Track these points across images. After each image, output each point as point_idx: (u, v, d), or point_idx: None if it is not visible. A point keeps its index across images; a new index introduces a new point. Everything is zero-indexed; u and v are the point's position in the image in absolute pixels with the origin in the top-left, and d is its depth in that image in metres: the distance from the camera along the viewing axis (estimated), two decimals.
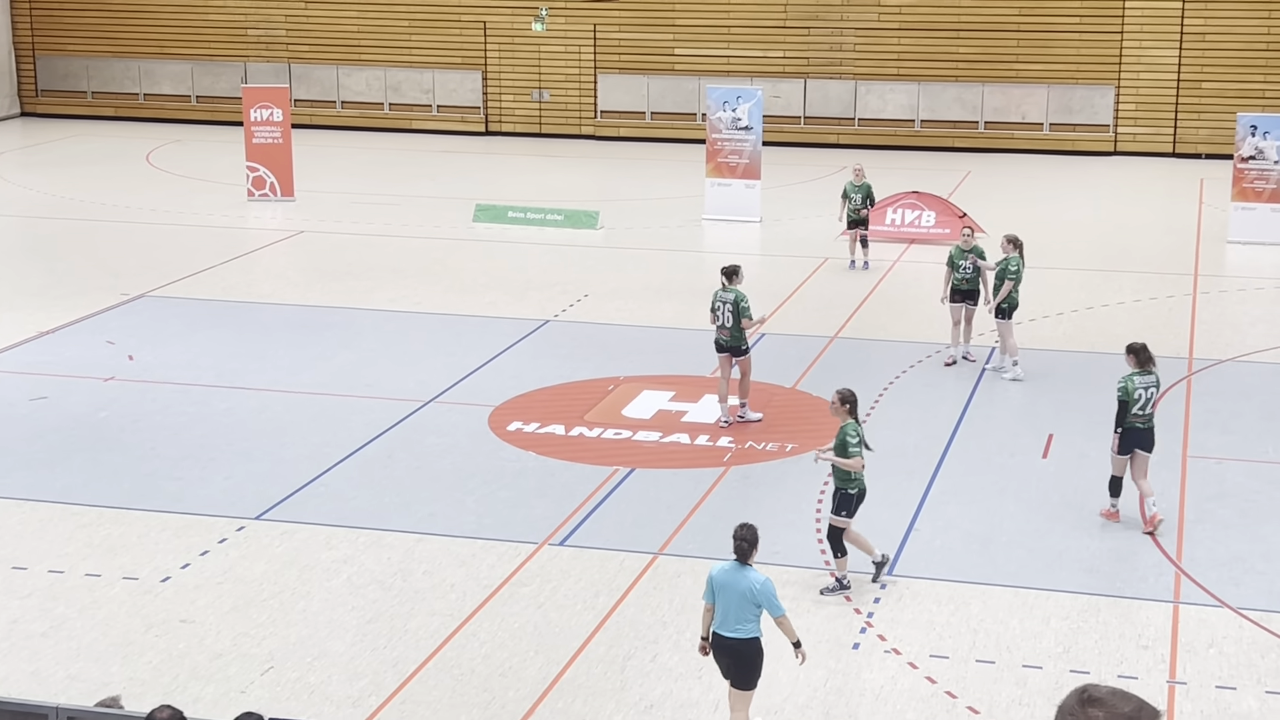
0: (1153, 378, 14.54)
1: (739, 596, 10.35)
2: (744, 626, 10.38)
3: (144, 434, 17.01)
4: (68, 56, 39.56)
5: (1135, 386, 14.42)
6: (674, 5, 36.28)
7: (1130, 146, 34.84)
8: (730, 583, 10.40)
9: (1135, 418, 14.45)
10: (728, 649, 10.46)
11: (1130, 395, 14.39)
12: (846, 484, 13.09)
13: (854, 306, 22.35)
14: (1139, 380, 14.45)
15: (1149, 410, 14.49)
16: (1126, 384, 14.42)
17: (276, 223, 27.86)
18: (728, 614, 10.40)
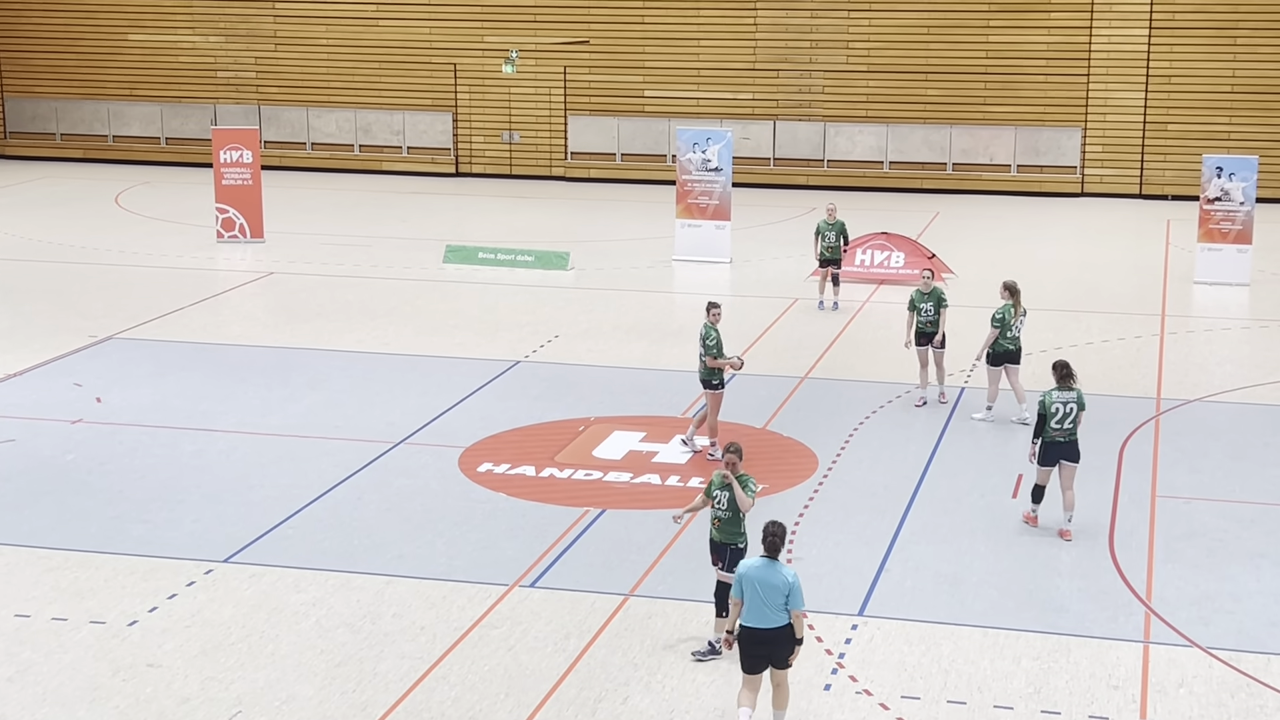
0: (1073, 394, 15.19)
1: (772, 590, 11.12)
2: (778, 616, 11.18)
3: (111, 477, 16.91)
4: (36, 98, 39.49)
5: (1053, 401, 15.13)
6: (644, 48, 36.44)
7: (1097, 188, 35.09)
8: (763, 577, 11.16)
9: (1055, 431, 15.16)
10: (766, 639, 11.21)
11: (1048, 409, 15.12)
12: (737, 538, 12.65)
13: (824, 347, 22.40)
14: (1057, 395, 15.15)
15: (1069, 425, 15.16)
16: (1044, 398, 15.18)
17: (246, 264, 27.80)
18: (761, 607, 11.16)
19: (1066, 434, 15.17)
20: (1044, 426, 15.13)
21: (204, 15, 38.24)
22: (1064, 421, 15.14)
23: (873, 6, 35.36)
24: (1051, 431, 15.14)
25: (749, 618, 11.21)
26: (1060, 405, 15.11)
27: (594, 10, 36.44)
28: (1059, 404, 15.12)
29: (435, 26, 37.25)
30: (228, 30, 38.20)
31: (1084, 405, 15.33)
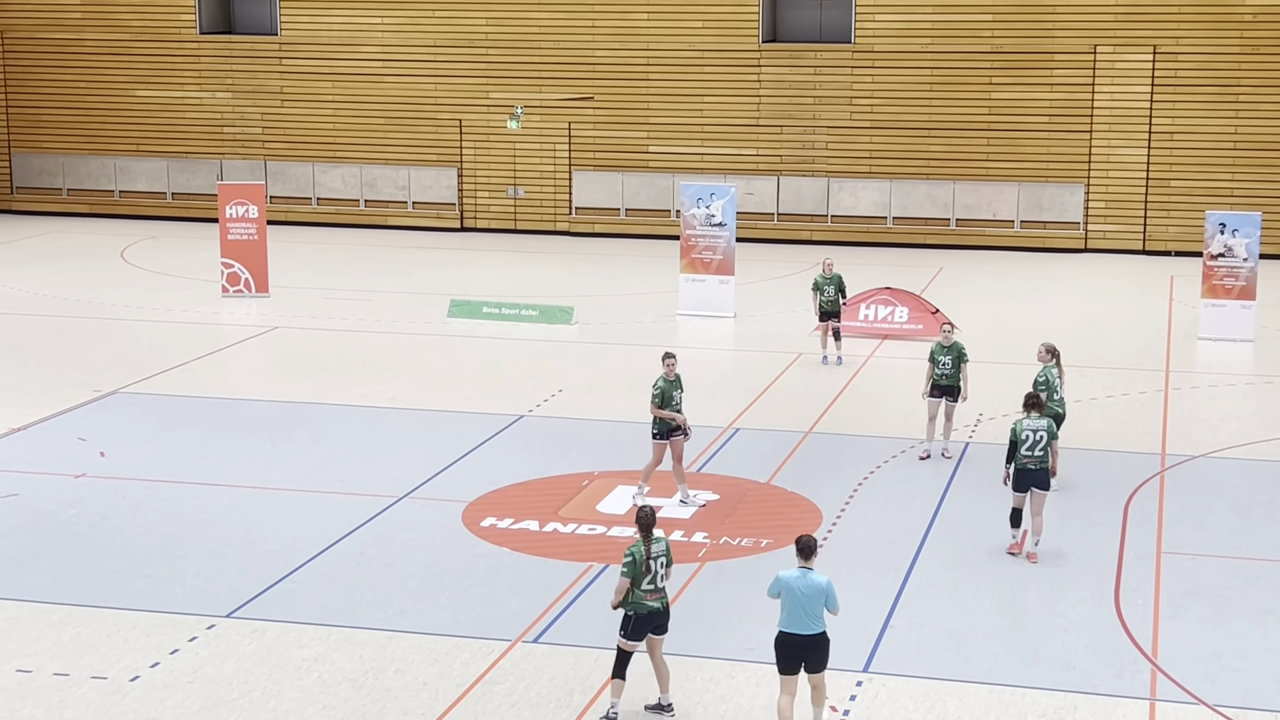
0: (1043, 423, 15.93)
1: (809, 597, 11.88)
2: (816, 623, 11.93)
3: (114, 531, 16.88)
4: (43, 154, 39.69)
5: (1023, 429, 15.92)
6: (648, 104, 36.62)
7: (1101, 243, 35.16)
8: (802, 585, 11.91)
9: (1026, 459, 15.92)
10: (806, 645, 11.93)
11: (1018, 436, 15.92)
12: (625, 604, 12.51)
13: (828, 402, 22.39)
14: (1027, 424, 15.94)
15: (1039, 453, 15.90)
16: (1015, 426, 16.00)
17: (251, 319, 27.86)
18: (800, 613, 11.90)
19: (1037, 461, 15.92)
20: (1014, 452, 15.92)
21: (211, 72, 38.48)
22: (1034, 449, 15.88)
23: (876, 63, 35.55)
24: (1023, 459, 15.91)
25: (788, 624, 11.94)
26: (1030, 433, 15.88)
27: (598, 67, 36.65)
28: (1029, 431, 15.88)
29: (440, 83, 37.46)
30: (234, 86, 38.42)
31: (1054, 435, 16.01)
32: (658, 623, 12.53)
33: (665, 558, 12.51)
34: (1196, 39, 34.15)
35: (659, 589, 12.49)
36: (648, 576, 12.42)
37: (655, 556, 12.44)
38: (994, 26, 34.94)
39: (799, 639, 11.93)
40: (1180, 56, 34.28)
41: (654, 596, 12.47)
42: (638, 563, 12.40)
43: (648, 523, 12.57)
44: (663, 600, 12.53)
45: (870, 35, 35.47)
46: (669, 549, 12.60)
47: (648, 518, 12.59)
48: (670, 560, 12.57)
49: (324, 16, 37.74)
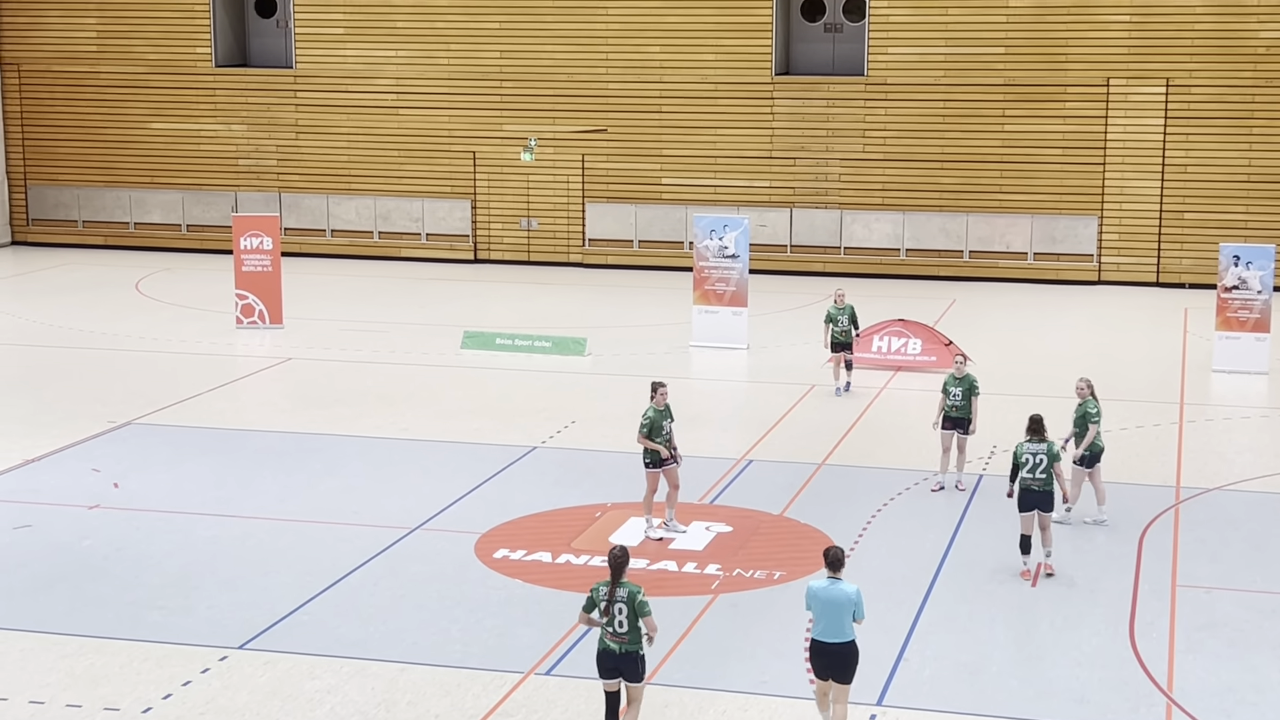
0: (1044, 446, 16.36)
1: (838, 606, 12.29)
2: (843, 632, 12.33)
3: (127, 562, 16.89)
4: (59, 186, 39.86)
5: (1024, 451, 16.40)
6: (661, 136, 36.70)
7: (1114, 276, 35.13)
8: (830, 595, 12.33)
9: (1029, 480, 16.35)
10: (833, 653, 12.36)
11: (1019, 458, 16.38)
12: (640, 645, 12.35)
13: (841, 433, 22.36)
14: (1028, 446, 16.40)
15: (1041, 475, 16.31)
16: (1018, 449, 16.47)
17: (265, 350, 27.91)
18: (830, 623, 12.33)
19: (1040, 483, 16.33)
20: (1016, 473, 16.40)
21: (226, 104, 38.64)
22: (1035, 471, 16.32)
23: (889, 95, 35.61)
24: (1025, 479, 16.35)
25: (816, 632, 12.43)
26: (1030, 456, 16.33)
27: (612, 99, 36.76)
28: (1029, 454, 16.35)
29: (455, 115, 37.59)
30: (250, 119, 38.58)
31: (1057, 457, 16.38)
32: (619, 665, 12.25)
33: (628, 607, 12.13)
34: (1210, 71, 34.17)
35: (619, 634, 12.19)
36: (606, 619, 12.24)
37: (615, 601, 12.15)
38: (1006, 59, 35.00)
39: (824, 646, 12.39)
40: (1193, 89, 34.30)
41: (615, 639, 12.21)
42: (593, 602, 12.29)
43: (615, 565, 12.31)
44: (625, 646, 12.19)
45: (883, 68, 35.55)
46: (635, 600, 12.16)
47: (615, 560, 12.35)
48: (637, 612, 12.14)
49: (339, 50, 37.91)
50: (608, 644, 12.28)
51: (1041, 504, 16.37)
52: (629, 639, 12.23)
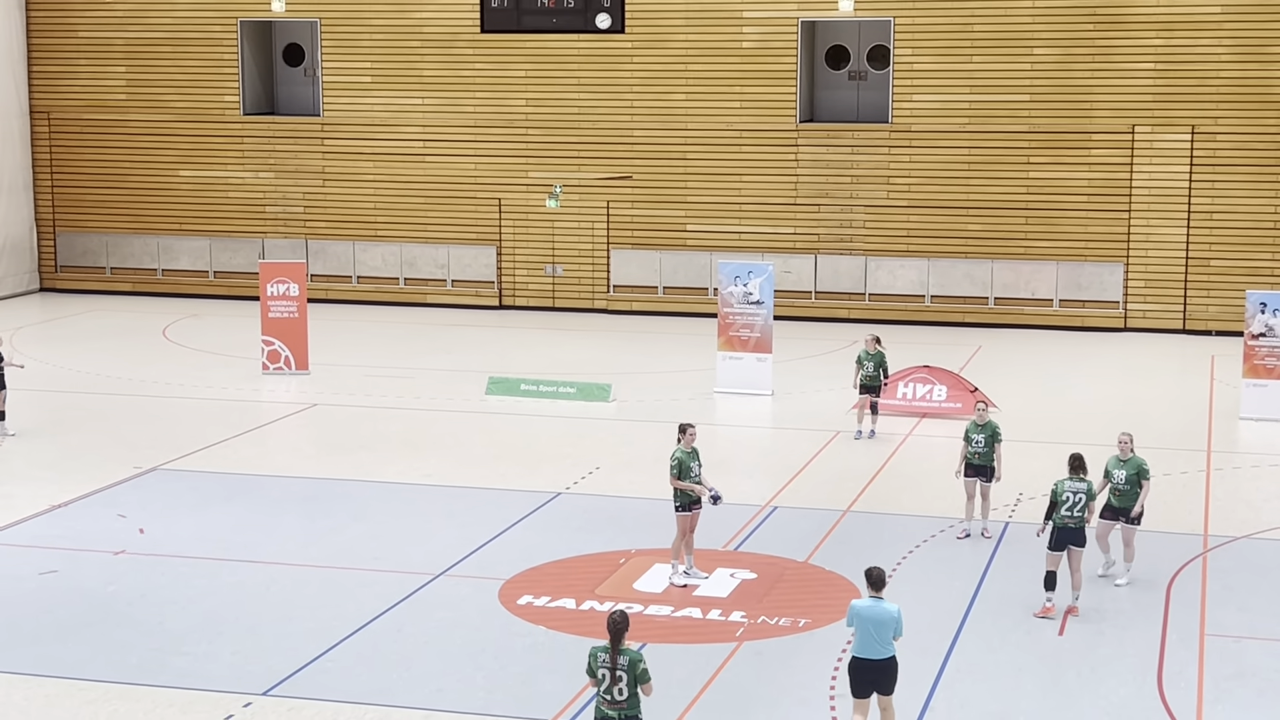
0: (1084, 485, 16.61)
1: (881, 624, 13.04)
2: (886, 648, 13.08)
3: (152, 608, 16.91)
4: (87, 233, 40.12)
5: (1064, 489, 16.62)
6: (685, 182, 36.81)
7: (1140, 323, 35.04)
8: (874, 615, 13.07)
9: (1066, 518, 16.56)
10: (876, 668, 13.09)
11: (1059, 496, 16.59)
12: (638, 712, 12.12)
13: (866, 480, 22.30)
14: (1068, 485, 16.63)
15: (1078, 513, 16.56)
16: (1057, 486, 16.69)
17: (290, 396, 27.99)
18: (871, 639, 13.04)
19: (1076, 520, 16.57)
20: (1053, 511, 16.58)
21: (254, 152, 38.90)
22: (1074, 509, 16.53)
23: (913, 142, 35.68)
24: (1063, 518, 16.53)
25: (859, 650, 13.10)
26: (1070, 494, 16.56)
27: (636, 146, 36.90)
28: (1069, 493, 16.57)
29: (480, 162, 37.77)
30: (277, 166, 38.83)
31: (1093, 495, 16.70)
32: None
33: (628, 675, 11.89)
34: (1235, 119, 34.16)
35: (616, 701, 11.93)
36: (602, 685, 12.00)
37: (616, 668, 11.89)
38: (1031, 106, 35.04)
39: (869, 663, 13.05)
40: (1219, 136, 34.28)
41: (613, 706, 11.95)
42: (591, 668, 12.11)
43: (616, 631, 12.01)
44: (622, 713, 11.92)
45: (907, 115, 35.63)
46: (637, 669, 11.92)
47: (616, 625, 12.04)
48: (638, 680, 11.92)
49: (365, 98, 38.16)
50: (605, 712, 12.01)
51: (1075, 540, 16.59)
52: (628, 705, 11.99)
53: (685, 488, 17.39)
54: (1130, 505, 17.56)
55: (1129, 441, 17.76)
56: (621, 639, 12.06)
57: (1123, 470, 17.60)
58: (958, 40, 35.26)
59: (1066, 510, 16.52)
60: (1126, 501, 17.56)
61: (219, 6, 38.57)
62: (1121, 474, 17.58)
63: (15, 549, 18.99)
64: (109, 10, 39.23)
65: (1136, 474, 17.58)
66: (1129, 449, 17.71)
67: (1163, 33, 34.27)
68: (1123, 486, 17.55)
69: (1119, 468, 17.65)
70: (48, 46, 39.75)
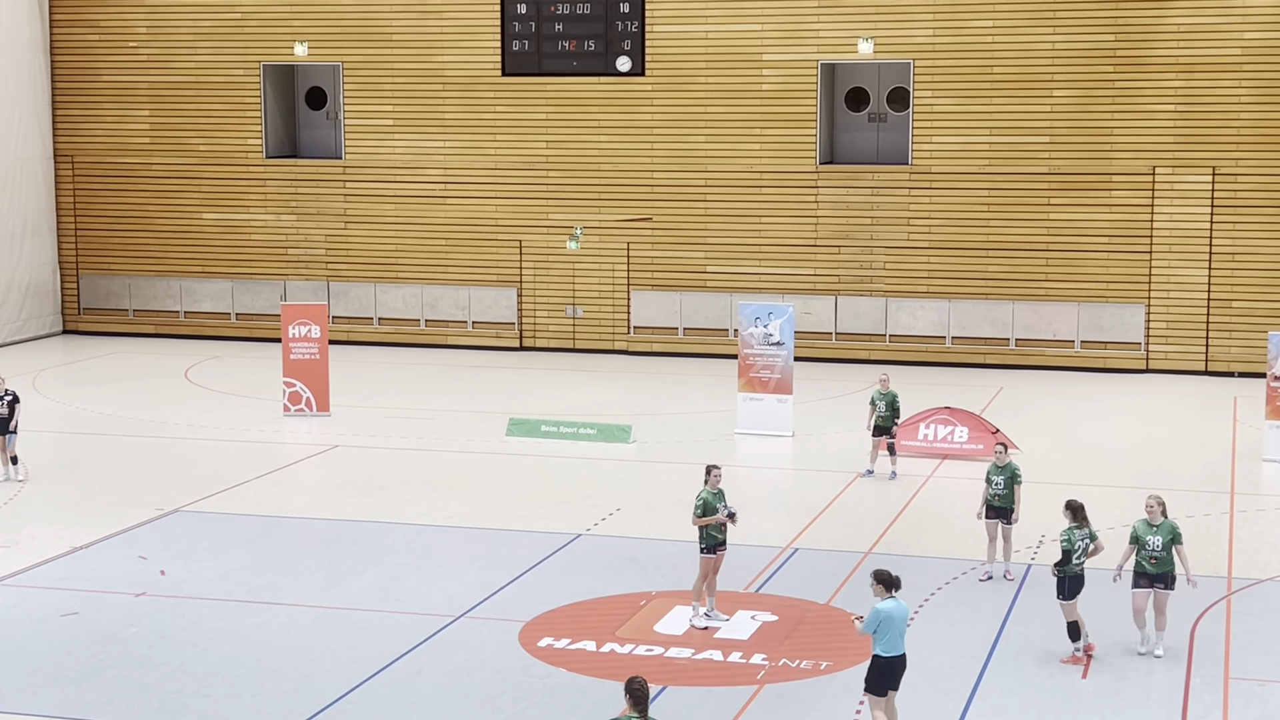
0: (1086, 531, 16.71)
1: (904, 622, 13.98)
2: (903, 644, 14.03)
3: (173, 650, 16.91)
4: (110, 275, 40.32)
5: (1076, 538, 16.62)
6: (706, 224, 36.88)
7: (1162, 364, 34.93)
8: (903, 613, 14.02)
9: (1077, 566, 16.60)
10: (902, 662, 14.03)
11: (1073, 545, 16.60)
12: None
13: (887, 522, 22.23)
14: (1077, 533, 16.65)
15: (1084, 559, 16.67)
16: (1069, 536, 16.64)
17: (311, 437, 28.04)
18: (898, 637, 13.90)
19: (1082, 566, 16.65)
20: (1068, 563, 16.53)
21: (276, 195, 39.10)
22: (1082, 556, 16.64)
23: (933, 184, 35.71)
24: (1076, 566, 16.55)
25: (889, 648, 13.86)
26: (1081, 542, 16.64)
27: (657, 188, 37.00)
28: (1080, 541, 16.66)
29: (501, 204, 37.90)
30: (299, 209, 39.01)
31: (1095, 538, 16.82)
32: None
33: None
34: (1256, 160, 34.13)
35: None
36: None
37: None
38: (1051, 148, 35.07)
39: (898, 660, 13.90)
40: (1240, 178, 34.25)
41: None
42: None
43: (640, 697, 11.64)
44: None
45: (927, 157, 35.68)
46: None
47: (639, 691, 11.67)
48: None
49: (387, 141, 38.35)
50: None
51: (1082, 585, 16.69)
52: None
53: (708, 521, 17.41)
54: (1169, 570, 16.62)
55: (1158, 506, 16.69)
56: (647, 705, 11.68)
57: (1157, 536, 16.59)
58: (977, 82, 35.34)
59: (1078, 559, 16.61)
60: (1164, 568, 16.60)
61: (242, 51, 38.86)
62: (1157, 540, 16.57)
63: (36, 591, 19.01)
64: (132, 55, 39.54)
65: (1171, 539, 16.61)
66: (1159, 514, 16.67)
67: (1183, 75, 34.30)
68: (1159, 554, 16.56)
69: (1151, 533, 16.63)
70: (71, 91, 40.06)
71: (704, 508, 17.46)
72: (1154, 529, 16.63)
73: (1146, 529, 16.67)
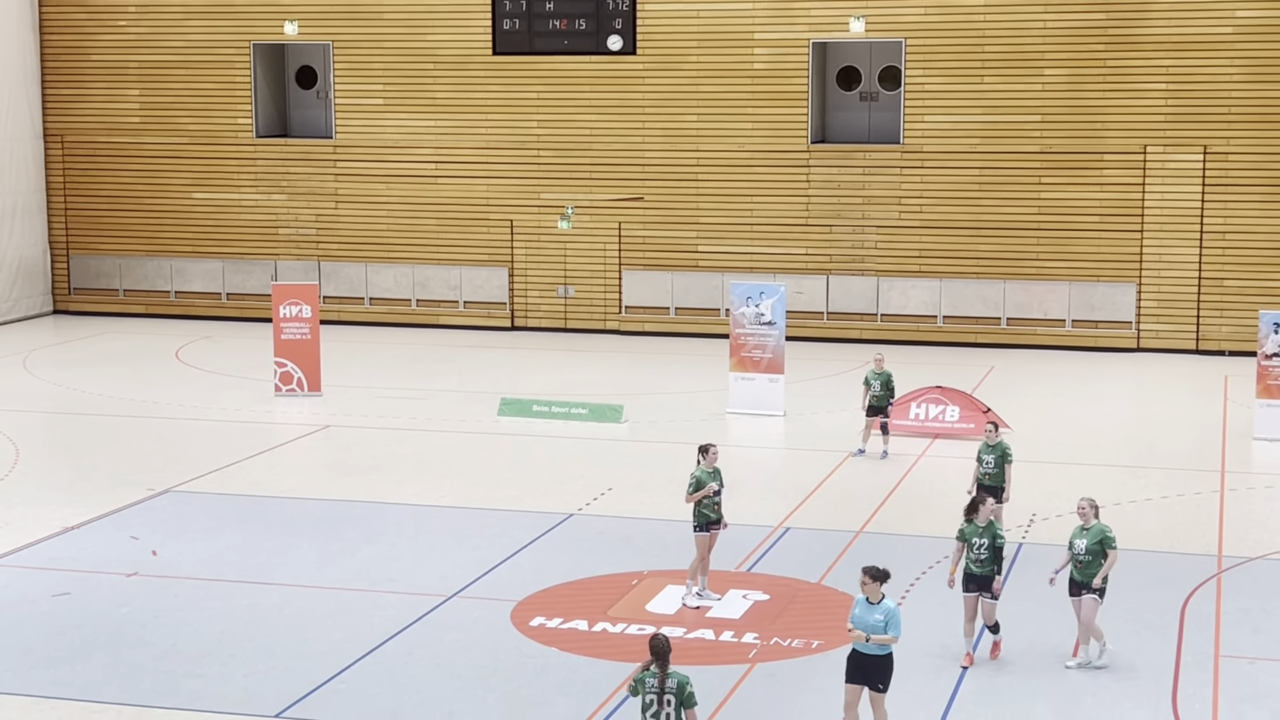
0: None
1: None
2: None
3: (165, 630, 16.92)
4: (100, 255, 40.23)
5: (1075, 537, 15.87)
6: (697, 204, 36.85)
7: (1153, 343, 34.98)
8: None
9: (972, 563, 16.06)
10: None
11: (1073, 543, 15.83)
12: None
13: (879, 501, 22.27)
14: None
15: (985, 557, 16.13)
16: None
17: (303, 417, 28.02)
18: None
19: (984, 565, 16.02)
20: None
21: (267, 174, 39.01)
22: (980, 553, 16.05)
23: (925, 163, 35.69)
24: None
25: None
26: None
27: (648, 167, 36.96)
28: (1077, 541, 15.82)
29: (492, 184, 37.84)
30: (290, 189, 38.93)
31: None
32: None
33: (676, 698, 11.84)
34: (1247, 139, 34.14)
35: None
36: (648, 709, 11.94)
37: (665, 692, 11.82)
38: (1043, 127, 35.05)
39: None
40: (1231, 156, 34.25)
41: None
42: (633, 690, 12.10)
43: (662, 652, 11.97)
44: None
45: (919, 136, 35.65)
46: (684, 692, 11.86)
47: (662, 647, 12.01)
48: (682, 703, 11.87)
49: (378, 120, 38.26)
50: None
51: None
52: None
53: (701, 495, 17.44)
54: (1091, 578, 15.63)
55: (1089, 508, 15.76)
56: (668, 660, 12.03)
57: (1084, 540, 15.69)
58: (969, 61, 35.30)
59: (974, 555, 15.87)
60: (1088, 574, 15.62)
61: (232, 30, 38.73)
62: (1083, 544, 15.66)
63: (28, 571, 19.01)
64: (122, 34, 39.40)
65: (1099, 543, 15.66)
66: (1091, 516, 15.75)
67: (1175, 53, 34.29)
68: (1084, 558, 15.63)
69: (1080, 537, 15.73)
70: (61, 70, 39.92)
71: (697, 487, 17.49)
72: (1085, 533, 15.70)
73: (1078, 533, 15.78)
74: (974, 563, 15.93)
